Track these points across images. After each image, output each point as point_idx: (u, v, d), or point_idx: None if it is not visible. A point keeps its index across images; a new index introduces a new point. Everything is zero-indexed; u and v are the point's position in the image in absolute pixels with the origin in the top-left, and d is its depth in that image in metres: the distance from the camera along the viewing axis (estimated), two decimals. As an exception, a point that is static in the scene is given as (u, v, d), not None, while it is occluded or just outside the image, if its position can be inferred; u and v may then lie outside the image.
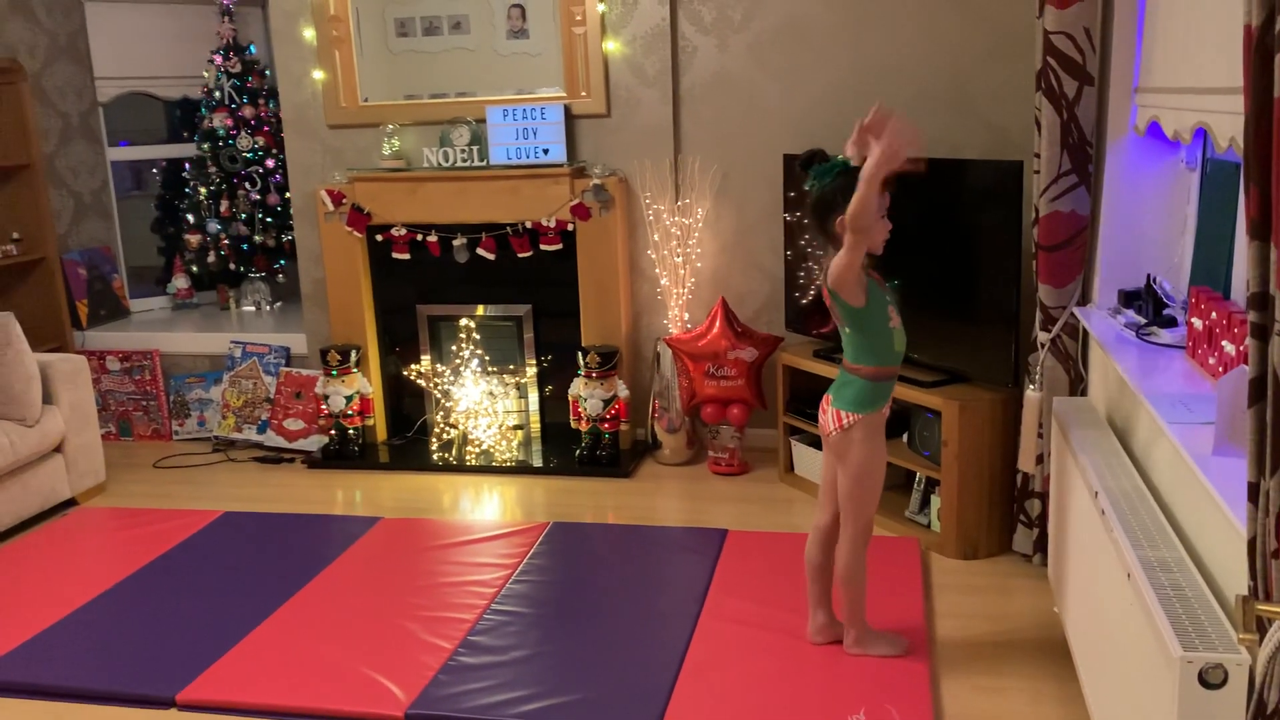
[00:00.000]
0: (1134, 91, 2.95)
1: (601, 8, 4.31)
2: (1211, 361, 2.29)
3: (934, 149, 4.04)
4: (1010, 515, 3.49)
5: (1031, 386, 3.27)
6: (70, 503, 4.28)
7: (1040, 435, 3.26)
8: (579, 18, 4.33)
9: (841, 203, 2.63)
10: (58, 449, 4.17)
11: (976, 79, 4.03)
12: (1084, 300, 3.21)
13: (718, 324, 4.24)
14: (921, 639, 2.95)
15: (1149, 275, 2.88)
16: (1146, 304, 2.78)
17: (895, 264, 3.79)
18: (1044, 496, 3.30)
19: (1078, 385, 3.25)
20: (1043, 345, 3.26)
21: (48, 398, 4.13)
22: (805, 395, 4.10)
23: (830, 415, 2.81)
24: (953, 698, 2.72)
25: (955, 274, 3.59)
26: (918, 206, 3.71)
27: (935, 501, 3.58)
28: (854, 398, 2.76)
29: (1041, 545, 3.35)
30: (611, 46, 4.35)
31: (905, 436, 3.77)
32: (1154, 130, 2.74)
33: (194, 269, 5.65)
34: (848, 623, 2.89)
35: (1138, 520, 2.20)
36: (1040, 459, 3.28)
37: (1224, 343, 2.21)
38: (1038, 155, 3.16)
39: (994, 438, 3.43)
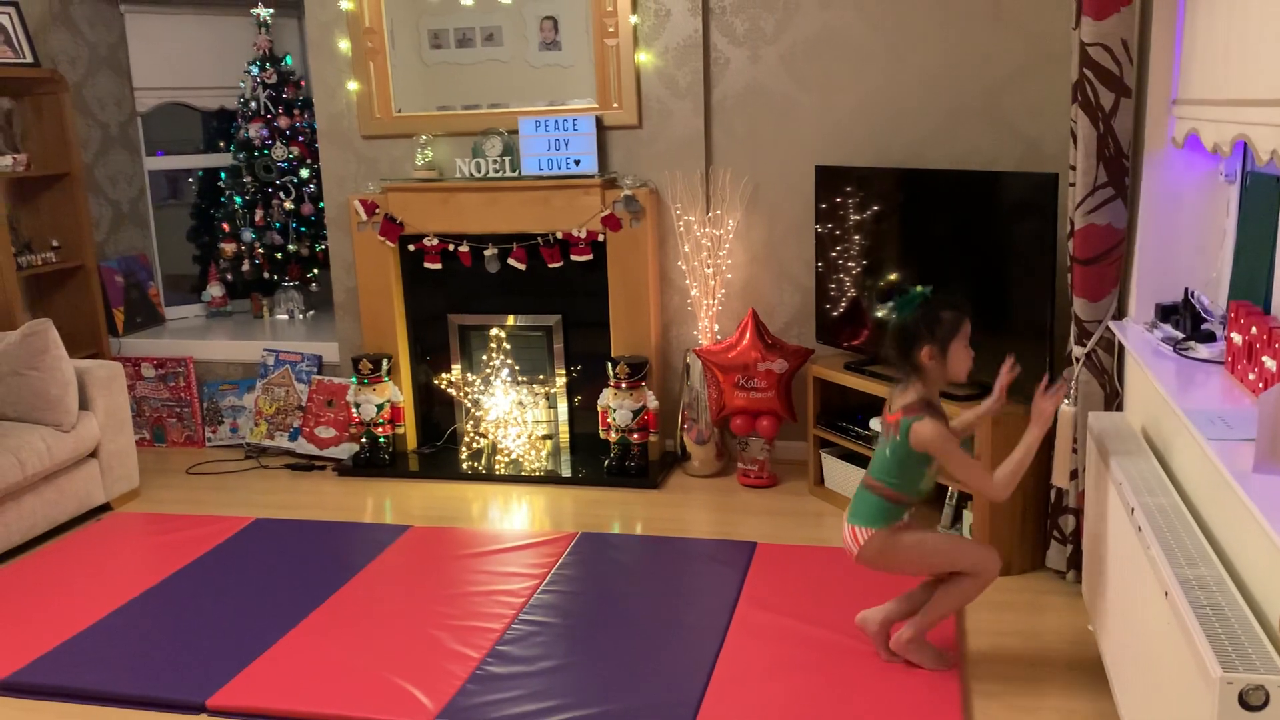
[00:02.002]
0: (1172, 103, 2.92)
1: (634, 20, 4.33)
2: (1251, 377, 2.26)
3: (968, 161, 4.03)
4: (1044, 531, 3.45)
5: (1066, 401, 3.24)
6: (104, 508, 4.33)
7: (1074, 450, 3.22)
8: (611, 30, 4.35)
9: (925, 334, 2.69)
10: (93, 454, 4.22)
11: (1011, 91, 4.01)
12: (1120, 314, 3.17)
13: (748, 335, 4.22)
14: (953, 656, 2.91)
15: (1187, 289, 2.84)
16: (1184, 318, 2.75)
17: (929, 277, 3.78)
18: (1078, 513, 3.26)
19: (1113, 400, 3.21)
20: (1077, 360, 3.22)
21: (84, 403, 4.18)
22: (836, 408, 4.08)
23: (847, 534, 2.81)
24: (985, 716, 2.68)
25: (989, 287, 3.56)
26: (951, 219, 3.70)
27: (967, 517, 3.54)
28: (869, 514, 2.78)
29: (1075, 562, 3.31)
30: (643, 58, 4.36)
31: (937, 450, 3.73)
32: (1192, 143, 2.71)
33: (228, 277, 5.71)
34: (911, 623, 2.85)
35: (1175, 538, 2.17)
36: (1074, 475, 3.24)
37: (1264, 358, 2.18)
38: (1073, 168, 3.13)
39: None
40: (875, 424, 3.86)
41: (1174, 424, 2.56)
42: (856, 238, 4.00)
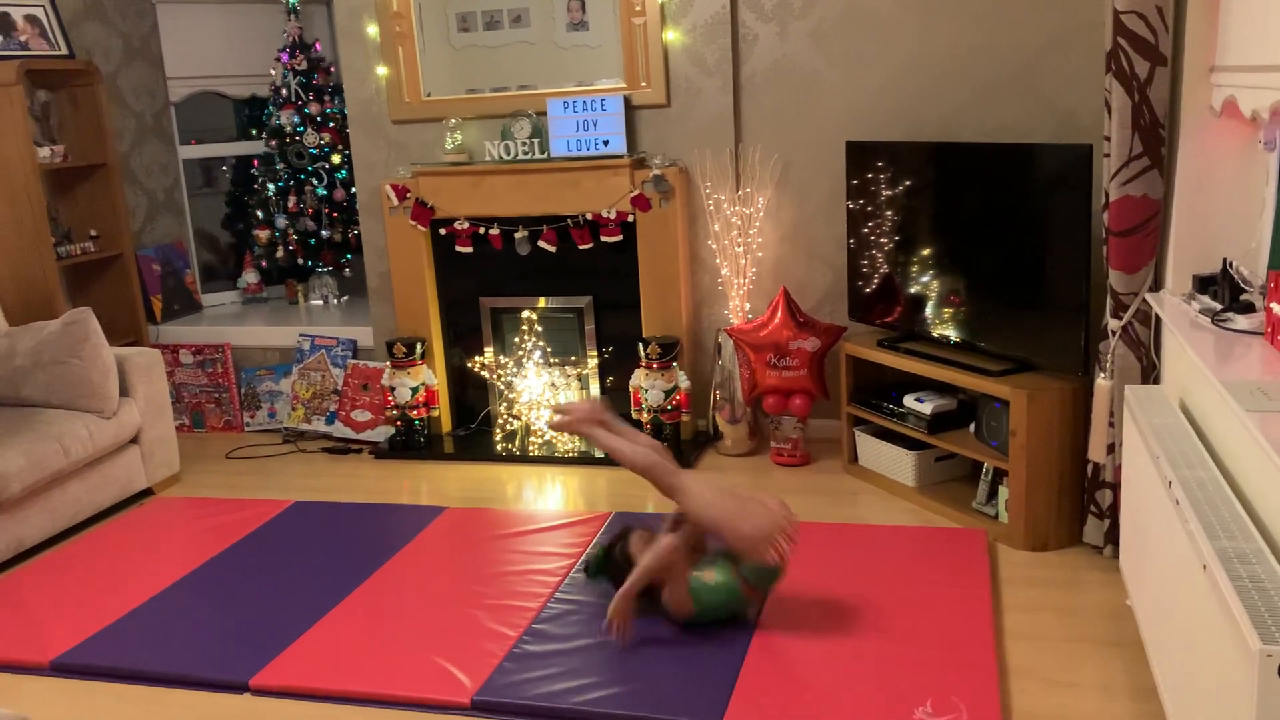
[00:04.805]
0: (1210, 71, 2.87)
1: (661, -2, 4.31)
2: (1292, 348, 2.22)
3: (1000, 134, 3.99)
4: (1080, 506, 3.43)
5: (1102, 375, 3.21)
6: (146, 492, 4.40)
7: (1111, 424, 3.19)
8: (638, 8, 4.33)
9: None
10: (134, 440, 4.29)
11: (1044, 62, 3.95)
12: (1156, 286, 3.13)
13: (779, 314, 4.21)
14: (989, 632, 2.91)
15: (1225, 259, 2.80)
16: (1223, 289, 2.71)
17: (962, 251, 3.75)
18: (1115, 487, 3.23)
19: (1150, 373, 3.18)
20: (1113, 333, 3.19)
21: (124, 390, 4.25)
22: (870, 386, 4.07)
23: None
24: (1022, 692, 2.67)
25: (1023, 261, 3.53)
26: (984, 193, 3.66)
27: (1003, 492, 3.52)
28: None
29: (1113, 537, 3.28)
30: (671, 36, 4.34)
31: (972, 426, 3.72)
32: (1230, 110, 2.66)
33: (263, 264, 5.77)
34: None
35: (1214, 511, 2.14)
36: (1111, 449, 3.21)
37: (1305, 328, 2.14)
38: (1108, 138, 3.09)
39: (1063, 427, 3.37)
40: (910, 401, 3.84)
41: (1212, 396, 2.53)
42: (888, 214, 3.98)
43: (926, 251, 3.88)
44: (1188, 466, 2.37)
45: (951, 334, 3.80)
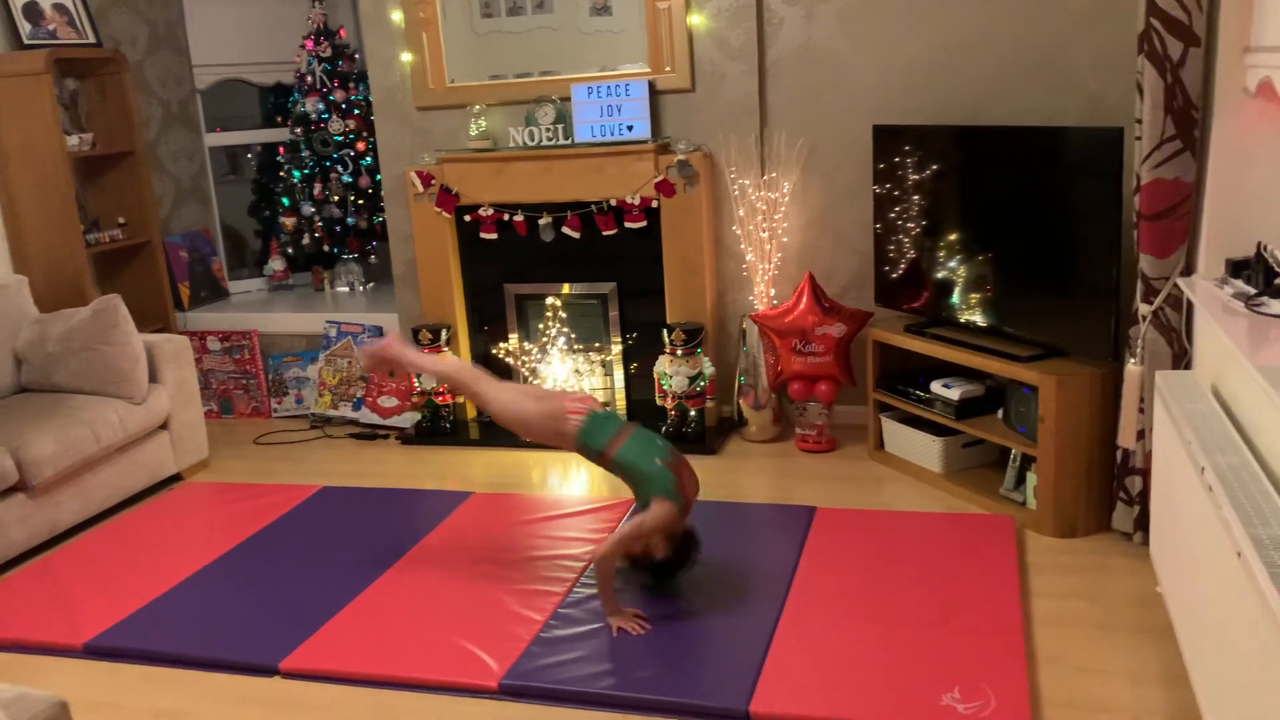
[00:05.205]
0: (1244, 51, 2.83)
1: (686, -18, 4.28)
2: (1328, 332, 2.19)
3: (1027, 117, 3.95)
4: (1109, 492, 3.40)
5: (1132, 360, 3.18)
6: (176, 478, 4.44)
7: (1141, 410, 3.16)
8: (663, -8, 4.31)
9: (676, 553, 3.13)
10: (163, 426, 4.33)
11: (1072, 44, 3.91)
12: (1188, 270, 3.10)
13: (805, 299, 4.19)
14: (1017, 619, 2.89)
15: (1259, 243, 2.76)
16: (1256, 273, 2.67)
17: (990, 235, 3.72)
18: (1145, 473, 3.20)
19: (1181, 358, 3.14)
20: (1144, 318, 3.15)
21: (153, 377, 4.28)
22: (896, 371, 4.05)
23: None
24: (1050, 678, 2.66)
25: (1052, 245, 3.49)
26: (1013, 177, 3.63)
27: (1031, 479, 3.50)
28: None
29: (1143, 523, 3.26)
30: (696, 20, 4.32)
31: (1000, 413, 3.69)
32: (1265, 92, 2.62)
33: (289, 251, 5.79)
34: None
35: (1248, 497, 2.12)
36: (1141, 434, 3.19)
37: (1342, 312, 2.11)
38: (1139, 121, 3.05)
39: (1093, 413, 3.34)
40: (937, 386, 3.82)
41: (1246, 381, 2.50)
42: (915, 198, 3.95)
43: (954, 236, 3.85)
44: (1221, 452, 2.34)
45: (979, 319, 3.77)
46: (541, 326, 4.71)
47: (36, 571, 3.63)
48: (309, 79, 5.48)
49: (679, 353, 4.35)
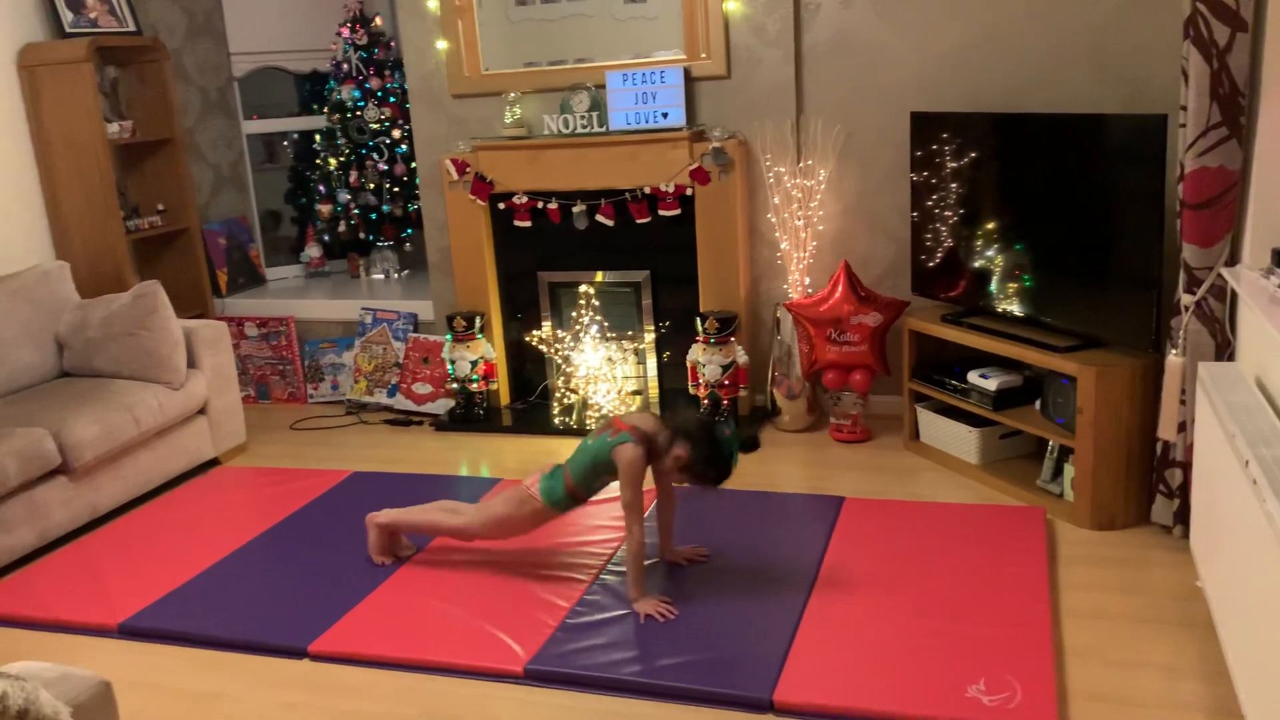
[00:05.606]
0: (1293, 34, 2.76)
1: (722, -33, 4.25)
2: (1377, 322, 2.13)
3: (1070, 104, 3.88)
4: (1149, 485, 3.34)
5: (1174, 351, 3.12)
6: (213, 462, 4.49)
7: (1183, 402, 3.10)
8: (699, -22, 4.27)
9: (698, 450, 2.99)
10: (202, 411, 4.37)
11: (1115, 29, 3.83)
12: (1233, 260, 3.03)
13: (840, 288, 4.15)
14: (1045, 611, 2.85)
15: (1307, 232, 2.70)
16: (1304, 262, 2.61)
17: (1030, 224, 3.67)
18: (1186, 466, 3.14)
19: (1224, 350, 3.08)
20: (1186, 308, 3.09)
21: (192, 362, 4.32)
22: (932, 361, 4.00)
23: (530, 483, 3.20)
24: (1081, 671, 2.62)
25: (1092, 234, 3.43)
26: (1053, 165, 3.57)
27: (1068, 470, 3.45)
28: (552, 492, 3.14)
29: (1183, 516, 3.20)
30: (732, 6, 4.28)
31: (1038, 403, 3.64)
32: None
33: (325, 238, 5.83)
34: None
35: (1292, 490, 2.07)
36: (1182, 427, 3.12)
37: (1392, 301, 2.05)
38: (1184, 108, 2.99)
39: (1132, 405, 3.28)
40: (974, 377, 3.77)
41: (1291, 373, 2.44)
42: (953, 186, 3.89)
43: (992, 224, 3.79)
44: (1265, 445, 2.29)
45: (1017, 309, 3.72)
46: (575, 314, 4.70)
47: (77, 553, 3.68)
48: (345, 66, 5.51)
49: (712, 341, 4.33)
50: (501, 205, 4.65)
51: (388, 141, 5.53)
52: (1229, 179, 2.95)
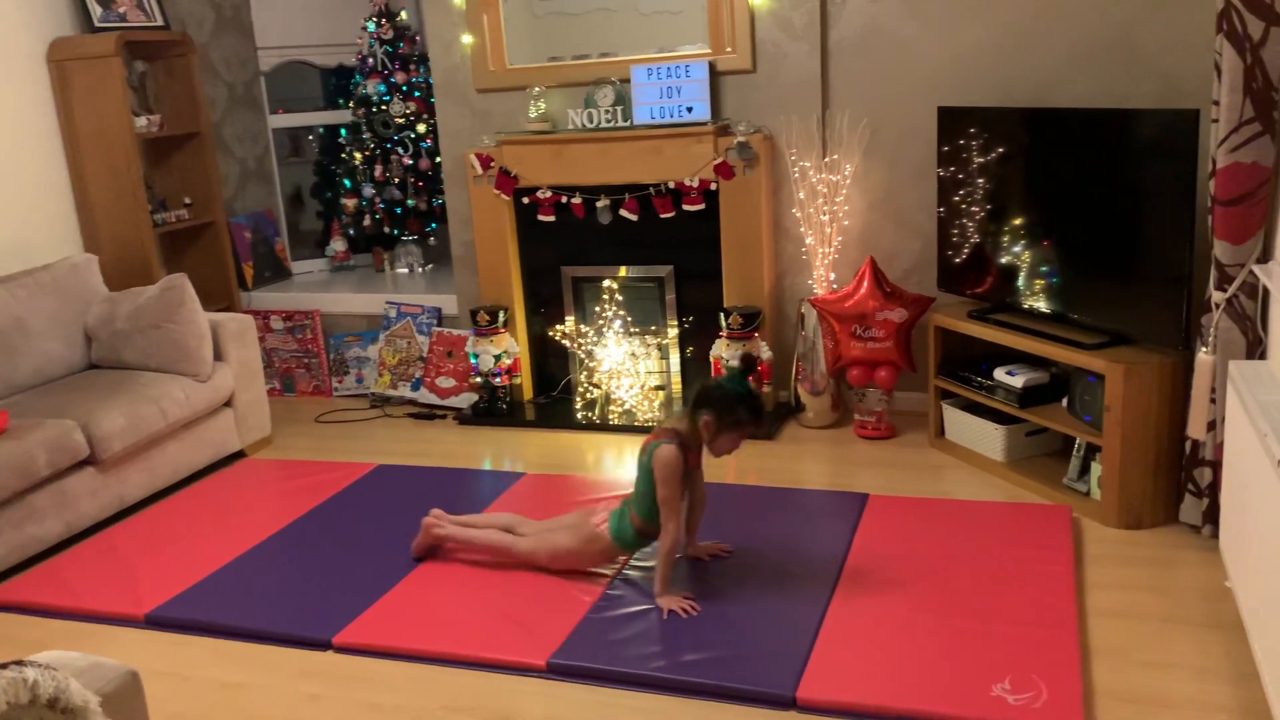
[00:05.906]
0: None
1: (747, -39, 4.23)
2: None
3: (1099, 99, 3.84)
4: (1177, 484, 3.31)
5: (1204, 349, 3.08)
6: (239, 454, 4.52)
7: (1213, 400, 3.07)
8: (724, -28, 4.26)
9: (721, 409, 2.97)
10: (228, 403, 4.40)
11: (1146, 23, 3.78)
12: (1265, 257, 2.99)
13: (865, 284, 4.13)
14: (1071, 610, 2.82)
15: (1342, 228, 2.66)
16: (1338, 259, 2.57)
17: (1058, 220, 3.63)
18: (1216, 465, 3.11)
19: (1256, 348, 3.04)
20: (1217, 305, 3.05)
21: (218, 355, 4.35)
22: (959, 358, 3.97)
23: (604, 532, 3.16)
24: (1108, 671, 2.60)
25: (1122, 231, 3.40)
26: (1082, 161, 3.53)
27: (1095, 469, 3.42)
28: (625, 537, 3.12)
29: (1212, 516, 3.16)
30: (757, 0, 4.26)
31: (1065, 401, 3.60)
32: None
33: (350, 232, 5.85)
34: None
35: (1324, 490, 2.04)
36: (1212, 425, 3.09)
37: None
38: (1216, 103, 2.95)
39: (1161, 403, 3.25)
40: (1000, 374, 3.74)
41: (1324, 371, 2.41)
42: (980, 181, 3.86)
43: (1020, 220, 3.76)
44: (1296, 444, 2.26)
45: (1044, 305, 3.69)
46: (598, 309, 4.70)
47: (104, 543, 3.71)
48: (370, 61, 5.52)
49: (736, 336, 4.31)
50: (525, 200, 4.66)
51: (412, 136, 5.55)
52: (1262, 175, 2.91)
